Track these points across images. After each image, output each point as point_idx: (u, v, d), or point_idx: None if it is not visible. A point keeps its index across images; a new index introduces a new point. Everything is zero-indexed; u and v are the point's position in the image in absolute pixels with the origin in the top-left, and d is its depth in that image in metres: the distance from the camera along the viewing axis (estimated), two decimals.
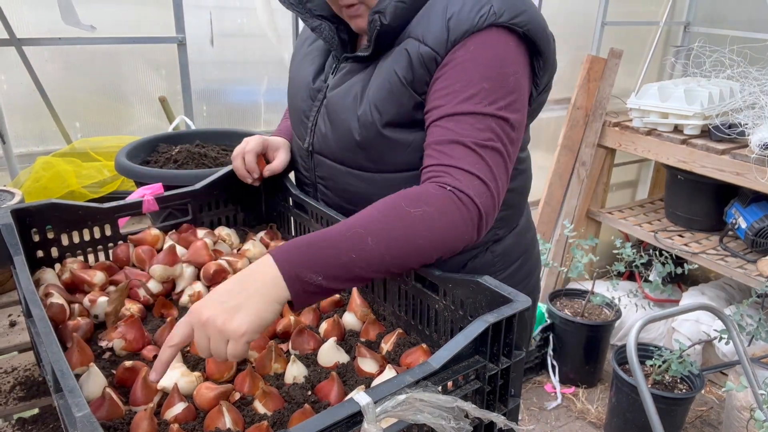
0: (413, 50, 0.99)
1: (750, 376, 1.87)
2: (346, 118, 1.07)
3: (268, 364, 0.93)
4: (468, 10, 0.97)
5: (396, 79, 1.01)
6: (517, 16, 0.97)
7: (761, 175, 2.42)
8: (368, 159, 1.08)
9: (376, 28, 1.01)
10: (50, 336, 0.74)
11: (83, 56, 2.21)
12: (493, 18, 0.96)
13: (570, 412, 2.81)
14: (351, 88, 1.08)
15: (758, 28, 3.22)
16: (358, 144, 1.07)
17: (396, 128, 1.04)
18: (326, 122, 1.12)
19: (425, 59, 0.99)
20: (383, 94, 1.03)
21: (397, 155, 1.06)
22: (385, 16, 1.00)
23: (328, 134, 1.12)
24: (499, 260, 1.19)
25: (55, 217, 1.13)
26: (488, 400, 0.78)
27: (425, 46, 0.98)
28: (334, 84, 1.12)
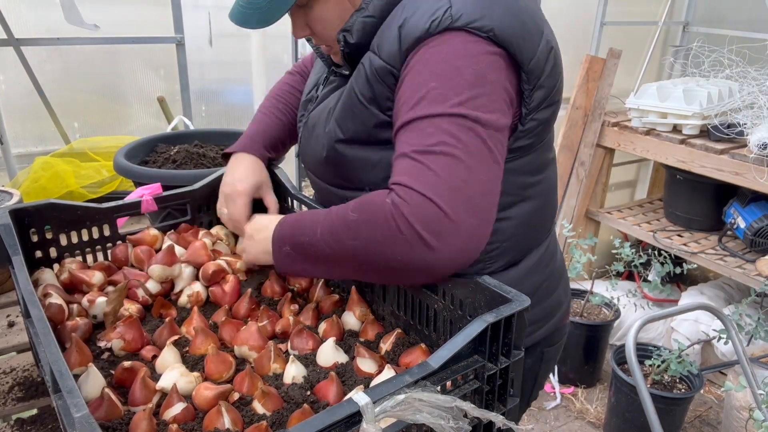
0: (368, 65, 0.94)
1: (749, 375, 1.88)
2: (318, 133, 1.05)
3: (267, 364, 0.92)
4: (420, 14, 0.87)
5: (354, 96, 0.96)
6: (480, 18, 0.85)
7: (760, 175, 2.42)
8: (337, 176, 1.05)
9: (342, 48, 0.98)
10: (49, 336, 0.74)
11: (82, 56, 2.21)
12: (448, 21, 0.85)
13: (569, 412, 2.81)
14: (327, 103, 1.05)
15: (757, 28, 3.22)
16: (325, 160, 1.04)
17: (359, 146, 0.99)
18: (306, 134, 1.11)
19: (380, 74, 0.92)
20: (344, 111, 0.98)
21: (364, 173, 1.00)
22: (351, 34, 0.96)
23: (306, 146, 1.11)
24: None
25: (53, 218, 1.13)
26: (487, 399, 0.78)
27: (379, 60, 0.92)
28: (321, 98, 1.10)
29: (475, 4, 0.86)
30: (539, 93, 0.93)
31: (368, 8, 0.95)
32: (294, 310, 1.10)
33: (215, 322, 1.07)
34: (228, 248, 1.28)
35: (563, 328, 1.21)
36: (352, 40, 0.96)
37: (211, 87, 2.49)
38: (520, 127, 0.94)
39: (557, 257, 1.17)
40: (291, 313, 1.08)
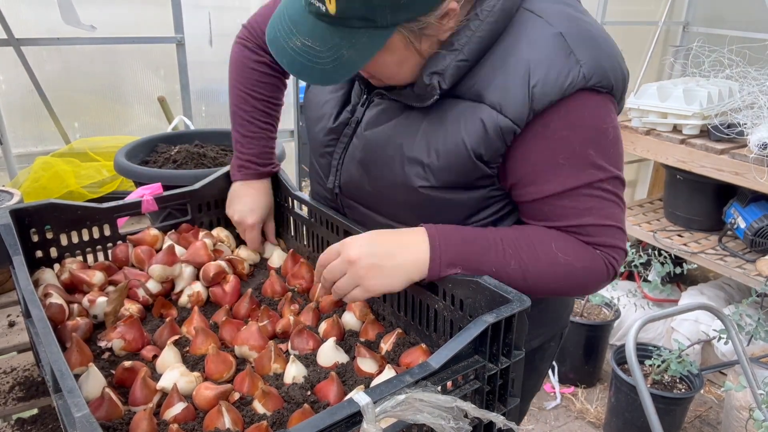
0: (490, 121, 0.87)
1: (749, 375, 1.87)
2: (389, 171, 0.96)
3: (267, 364, 0.92)
4: (555, 75, 0.84)
5: (464, 150, 0.89)
6: (604, 77, 0.86)
7: (760, 175, 2.42)
8: (415, 216, 0.97)
9: (434, 93, 0.89)
10: (49, 336, 0.74)
11: (82, 56, 2.21)
12: (582, 83, 0.84)
13: (569, 412, 2.81)
14: (393, 135, 0.96)
15: (757, 28, 3.22)
16: (404, 201, 0.97)
17: (450, 191, 0.94)
18: (360, 168, 1.01)
19: (503, 131, 0.87)
20: (445, 161, 0.91)
21: (447, 213, 0.97)
22: (444, 79, 0.88)
23: (362, 182, 1.02)
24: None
25: (54, 218, 1.13)
26: (488, 400, 0.78)
27: (504, 118, 0.86)
28: (368, 123, 0.99)
29: (597, 61, 0.86)
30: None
31: (463, 51, 0.87)
32: (294, 310, 1.10)
33: (215, 322, 1.07)
34: (229, 249, 1.28)
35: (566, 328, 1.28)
36: (446, 85, 0.89)
37: (211, 87, 2.49)
38: None
39: None
40: (291, 313, 1.08)
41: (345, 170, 1.05)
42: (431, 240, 0.89)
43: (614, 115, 0.92)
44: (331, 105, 1.06)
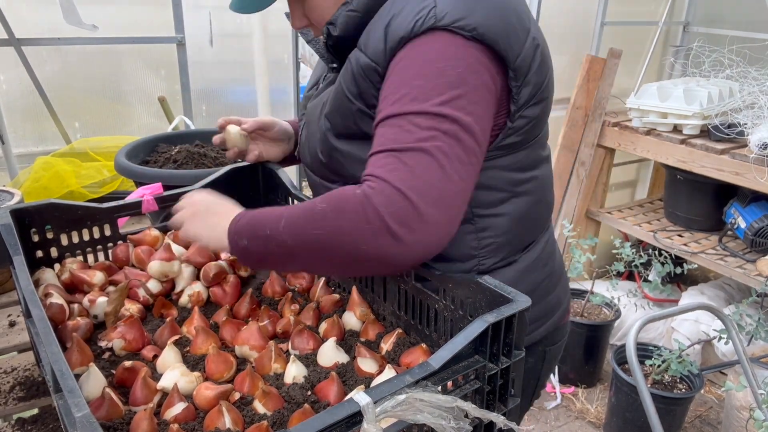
0: (355, 61, 0.95)
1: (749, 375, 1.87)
2: (313, 129, 1.08)
3: (267, 364, 0.93)
4: (406, 14, 0.88)
5: (341, 91, 0.98)
6: (464, 17, 0.85)
7: (760, 175, 2.42)
8: (330, 171, 1.07)
9: (325, 40, 1.00)
10: (50, 336, 0.74)
11: (82, 56, 2.21)
12: (432, 21, 0.86)
13: (569, 412, 2.81)
14: (321, 99, 1.07)
15: (757, 28, 3.22)
16: (319, 154, 1.06)
17: (348, 140, 1.01)
18: (304, 132, 1.14)
19: (365, 71, 0.93)
20: (333, 106, 1.00)
21: (354, 169, 1.00)
22: (335, 27, 0.98)
23: (303, 143, 1.14)
24: None
25: (54, 217, 1.13)
26: (488, 399, 0.78)
27: (365, 57, 0.93)
28: (317, 94, 1.12)
29: (458, 3, 0.86)
30: (527, 90, 0.94)
31: (353, 2, 0.96)
32: (295, 309, 1.10)
33: (216, 322, 1.07)
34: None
35: (564, 327, 1.21)
36: (335, 32, 0.98)
37: (211, 87, 2.49)
38: (509, 124, 0.95)
39: (556, 256, 1.18)
40: (292, 313, 1.08)
41: (300, 137, 1.17)
42: (237, 215, 0.95)
43: (469, 59, 0.87)
44: (311, 83, 1.20)
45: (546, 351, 1.17)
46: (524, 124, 0.97)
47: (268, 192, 1.40)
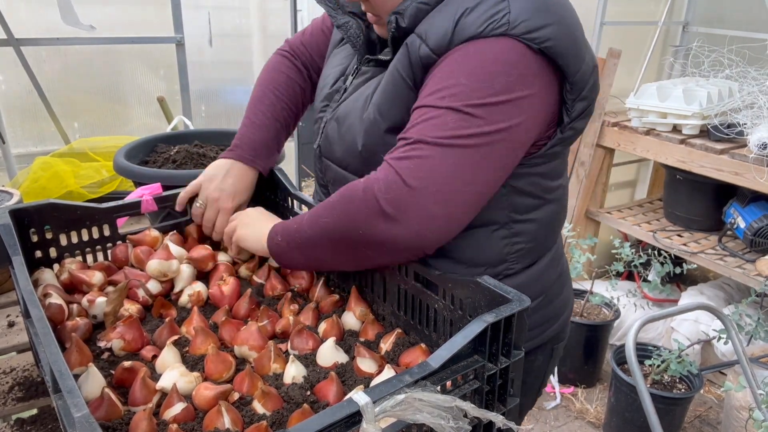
0: (413, 49, 0.91)
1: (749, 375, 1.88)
2: (352, 122, 1.02)
3: (267, 364, 0.92)
4: (479, 13, 0.86)
5: (399, 78, 0.93)
6: (538, 29, 0.84)
7: (760, 175, 2.42)
8: (371, 165, 0.99)
9: (392, 30, 0.94)
10: (49, 336, 0.74)
11: (81, 56, 2.21)
12: (504, 27, 0.84)
13: (569, 412, 2.81)
14: (363, 92, 1.02)
15: (757, 28, 3.22)
16: (361, 150, 1.01)
17: (398, 133, 0.94)
18: (334, 126, 1.07)
19: (423, 61, 0.90)
20: (386, 95, 0.96)
21: None
22: (404, 18, 0.92)
23: (334, 138, 1.07)
24: None
25: (53, 218, 1.13)
26: (487, 399, 0.78)
27: (425, 47, 0.90)
28: (353, 88, 1.06)
29: (534, 14, 0.85)
30: (581, 104, 0.94)
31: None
32: (294, 310, 1.10)
33: (215, 322, 1.07)
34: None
35: (569, 324, 1.25)
36: (404, 24, 0.93)
37: (211, 87, 2.50)
38: (559, 135, 0.96)
39: (564, 257, 1.20)
40: (291, 313, 1.08)
41: (326, 130, 1.11)
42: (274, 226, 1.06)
43: (528, 72, 0.86)
44: (332, 77, 1.14)
45: (554, 348, 1.20)
46: (571, 135, 0.98)
47: (268, 192, 1.40)
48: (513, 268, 1.05)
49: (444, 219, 0.86)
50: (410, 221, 0.85)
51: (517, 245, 1.04)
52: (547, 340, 1.16)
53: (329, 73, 1.15)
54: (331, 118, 1.09)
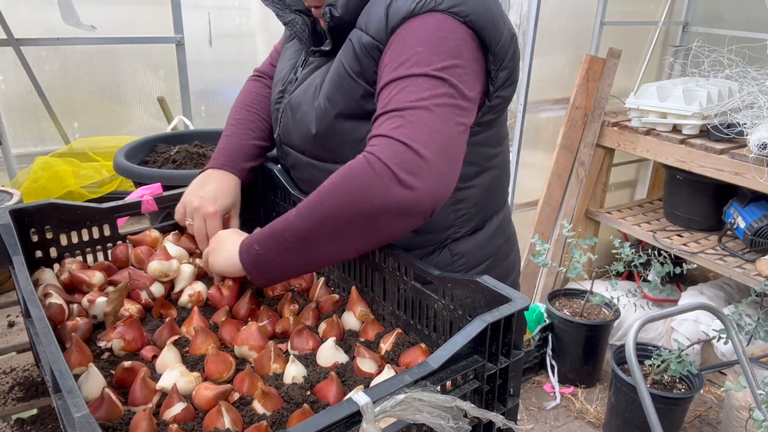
0: (356, 40, 1.01)
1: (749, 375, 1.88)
2: (306, 110, 1.11)
3: (267, 364, 0.93)
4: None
5: (343, 70, 1.03)
6: (460, 5, 0.95)
7: (760, 175, 2.42)
8: (324, 150, 1.11)
9: (327, 21, 1.04)
10: (49, 336, 0.74)
11: (81, 56, 2.21)
12: (432, 4, 0.95)
13: (569, 412, 2.81)
14: (312, 81, 1.11)
15: (757, 28, 3.22)
16: (314, 135, 1.09)
17: (348, 119, 1.06)
18: (289, 114, 1.16)
19: (367, 49, 1.00)
20: (333, 85, 1.05)
21: (352, 146, 1.06)
22: (336, 8, 1.02)
23: (290, 125, 1.16)
24: (458, 260, 1.16)
25: (53, 218, 1.13)
26: (487, 399, 0.78)
27: (366, 36, 1.00)
28: (302, 78, 1.16)
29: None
30: (503, 73, 1.04)
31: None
32: (294, 309, 1.10)
33: (215, 323, 1.07)
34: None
35: (517, 286, 1.33)
36: (337, 13, 1.02)
37: (211, 87, 2.49)
38: (488, 103, 1.06)
39: (511, 224, 1.31)
40: (291, 313, 1.08)
41: (283, 119, 1.20)
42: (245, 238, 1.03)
43: (462, 38, 0.95)
44: (285, 70, 1.22)
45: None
46: (499, 103, 1.08)
47: (268, 192, 1.40)
48: (459, 232, 1.15)
49: (450, 174, 0.92)
50: (425, 181, 0.88)
51: (461, 211, 1.13)
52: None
53: (283, 67, 1.24)
54: (286, 107, 1.18)
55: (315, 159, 1.15)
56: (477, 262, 1.19)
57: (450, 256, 1.16)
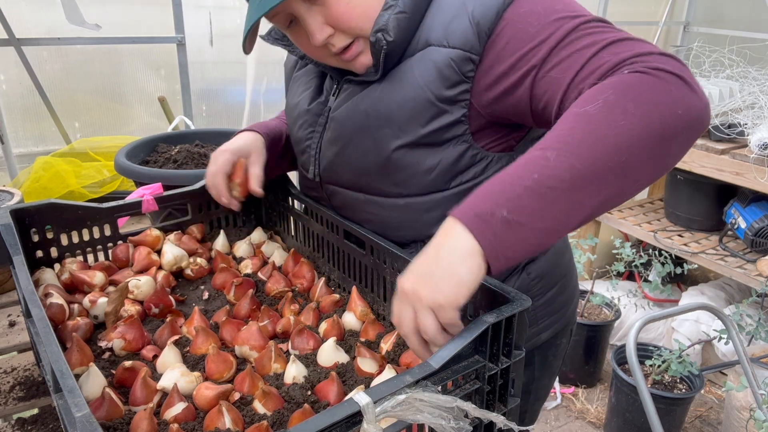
0: (439, 57, 0.89)
1: (749, 375, 1.87)
2: (359, 141, 0.97)
3: (267, 364, 0.93)
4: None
5: (424, 95, 0.90)
6: None
7: (760, 175, 2.42)
8: (391, 183, 0.97)
9: (382, 47, 0.90)
10: (50, 336, 0.74)
11: (82, 56, 2.21)
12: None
13: (569, 412, 2.81)
14: (356, 108, 0.97)
15: (757, 28, 3.22)
16: (378, 168, 0.97)
17: (418, 148, 0.93)
18: (334, 148, 1.02)
19: (455, 62, 0.88)
20: (409, 110, 0.92)
21: (420, 177, 0.96)
22: (388, 32, 0.90)
23: (339, 161, 1.02)
24: (536, 284, 1.07)
25: (54, 217, 1.13)
26: (488, 399, 0.78)
27: (452, 49, 0.88)
28: (337, 106, 1.01)
29: None
30: None
31: (398, 4, 0.91)
32: (295, 309, 1.10)
33: (216, 322, 1.07)
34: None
35: (572, 325, 1.23)
36: (391, 38, 0.90)
37: (211, 87, 2.50)
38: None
39: (569, 243, 1.23)
40: (292, 313, 1.08)
41: (323, 156, 1.06)
42: (457, 213, 0.71)
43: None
44: (304, 101, 1.09)
45: (571, 330, 1.22)
46: None
47: (269, 191, 1.40)
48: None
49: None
50: (700, 88, 0.75)
51: None
52: (567, 322, 1.17)
53: (298, 100, 1.11)
54: (326, 143, 1.05)
55: (377, 195, 1.00)
56: (552, 283, 1.09)
57: (528, 279, 1.06)
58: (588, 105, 0.72)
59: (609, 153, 0.69)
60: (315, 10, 0.89)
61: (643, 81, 0.72)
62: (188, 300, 1.17)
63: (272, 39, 1.10)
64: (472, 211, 0.70)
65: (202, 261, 1.23)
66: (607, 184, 0.70)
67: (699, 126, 0.74)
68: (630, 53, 0.76)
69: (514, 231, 0.69)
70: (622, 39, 0.79)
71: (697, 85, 0.74)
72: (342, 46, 0.92)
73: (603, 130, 0.70)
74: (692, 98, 0.72)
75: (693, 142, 0.75)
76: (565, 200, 0.69)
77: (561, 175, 0.69)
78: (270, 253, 1.31)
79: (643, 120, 0.70)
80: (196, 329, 0.99)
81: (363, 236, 1.06)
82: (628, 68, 0.74)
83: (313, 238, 1.25)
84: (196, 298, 1.18)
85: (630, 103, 0.70)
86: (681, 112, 0.71)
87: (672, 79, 0.72)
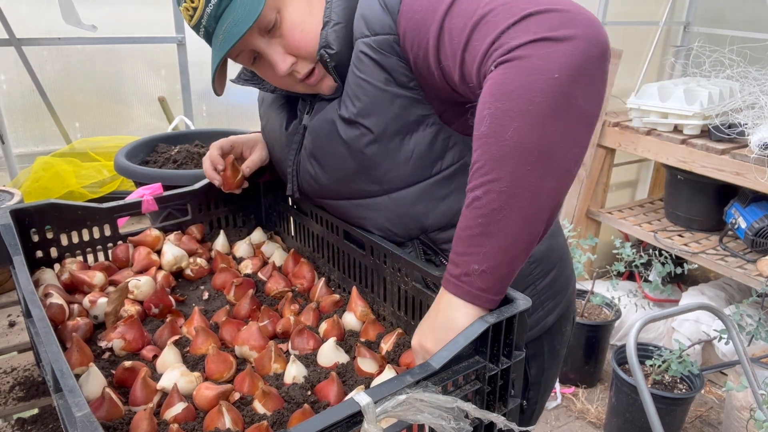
0: (367, 50, 0.92)
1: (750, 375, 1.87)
2: (334, 151, 1.00)
3: (267, 364, 0.92)
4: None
5: (371, 86, 0.93)
6: None
7: (761, 175, 2.42)
8: (371, 182, 0.99)
9: (327, 61, 0.94)
10: (50, 336, 0.74)
11: (83, 56, 2.21)
12: None
13: (570, 412, 2.81)
14: (326, 117, 1.00)
15: (758, 28, 3.22)
16: (354, 173, 1.00)
17: (390, 139, 0.95)
18: (311, 159, 1.06)
19: (384, 47, 0.90)
20: (364, 108, 0.94)
21: (400, 168, 0.97)
22: (330, 46, 0.94)
23: (319, 175, 1.06)
24: (536, 268, 1.08)
25: (54, 218, 1.13)
26: (488, 400, 0.78)
27: (376, 36, 0.90)
28: (310, 120, 1.05)
29: None
30: None
31: (332, 17, 0.95)
32: (295, 310, 1.10)
33: (216, 323, 1.07)
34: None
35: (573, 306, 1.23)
36: (334, 49, 0.94)
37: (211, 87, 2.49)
38: None
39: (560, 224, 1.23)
40: (292, 313, 1.08)
41: (302, 170, 1.09)
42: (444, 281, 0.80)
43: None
44: (278, 126, 1.15)
45: (573, 318, 1.23)
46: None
47: (267, 192, 1.40)
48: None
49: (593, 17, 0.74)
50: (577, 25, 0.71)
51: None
52: (569, 302, 1.18)
53: (274, 126, 1.17)
54: (305, 161, 1.07)
55: (362, 198, 1.03)
56: (551, 265, 1.11)
57: (528, 265, 1.06)
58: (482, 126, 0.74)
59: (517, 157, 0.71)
60: (274, 42, 0.95)
61: (507, 79, 0.72)
62: (188, 300, 1.17)
63: (242, 81, 1.16)
64: (452, 280, 0.78)
65: (202, 261, 1.23)
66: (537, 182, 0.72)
67: (582, 69, 0.70)
68: (491, 37, 0.75)
69: (495, 279, 0.76)
70: (486, 14, 0.76)
71: (565, 28, 0.70)
72: (306, 72, 0.97)
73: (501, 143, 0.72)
74: (562, 52, 0.69)
75: (596, 72, 0.72)
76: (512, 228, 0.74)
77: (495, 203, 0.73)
78: (270, 254, 1.31)
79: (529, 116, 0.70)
80: (196, 329, 0.99)
81: (363, 236, 1.06)
82: (493, 61, 0.74)
83: (312, 239, 1.25)
84: (196, 299, 1.18)
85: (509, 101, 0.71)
86: (558, 74, 0.69)
87: (535, 52, 0.70)
